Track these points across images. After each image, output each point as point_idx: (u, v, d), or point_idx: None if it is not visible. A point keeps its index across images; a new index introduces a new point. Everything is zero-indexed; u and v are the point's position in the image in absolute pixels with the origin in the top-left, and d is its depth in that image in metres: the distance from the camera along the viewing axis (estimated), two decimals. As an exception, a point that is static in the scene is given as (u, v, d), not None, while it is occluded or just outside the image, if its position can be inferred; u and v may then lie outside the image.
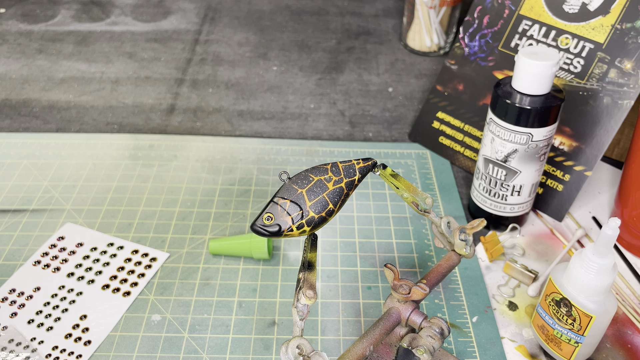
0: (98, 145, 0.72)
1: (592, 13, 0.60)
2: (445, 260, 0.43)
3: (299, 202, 0.36)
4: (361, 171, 0.39)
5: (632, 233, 0.58)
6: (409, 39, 0.92)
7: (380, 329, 0.37)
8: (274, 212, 0.35)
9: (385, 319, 0.38)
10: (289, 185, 0.36)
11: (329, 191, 0.37)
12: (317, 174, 0.37)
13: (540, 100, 0.51)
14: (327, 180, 0.37)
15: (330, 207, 0.36)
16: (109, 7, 1.04)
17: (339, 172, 0.38)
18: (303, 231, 0.36)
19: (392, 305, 0.39)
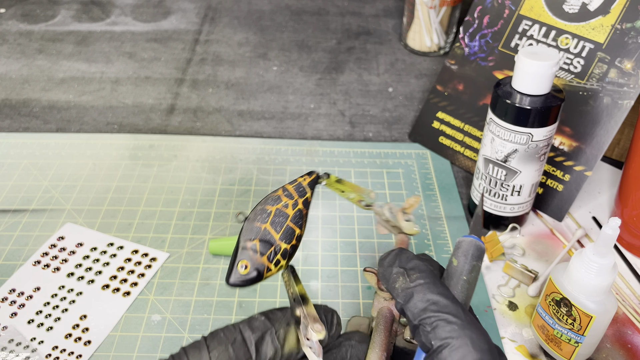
0: (98, 145, 0.72)
1: (592, 13, 0.60)
2: (399, 244, 0.43)
3: (267, 238, 0.33)
4: (310, 186, 0.37)
5: (632, 233, 0.58)
6: (409, 39, 0.92)
7: (384, 333, 0.37)
8: (247, 258, 0.33)
9: (382, 321, 0.38)
10: (250, 225, 0.34)
11: (291, 217, 0.35)
12: (273, 204, 0.35)
13: (540, 100, 0.51)
14: (285, 207, 0.35)
15: (297, 232, 0.35)
16: (109, 7, 1.04)
17: (291, 195, 0.36)
18: (280, 267, 0.34)
19: (381, 306, 0.39)
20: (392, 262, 0.34)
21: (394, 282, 0.32)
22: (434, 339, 0.29)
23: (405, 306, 0.31)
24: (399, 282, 0.32)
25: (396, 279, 0.32)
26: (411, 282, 0.32)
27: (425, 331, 0.29)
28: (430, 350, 0.29)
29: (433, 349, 0.28)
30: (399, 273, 0.33)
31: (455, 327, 0.28)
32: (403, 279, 0.32)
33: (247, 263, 0.33)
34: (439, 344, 0.28)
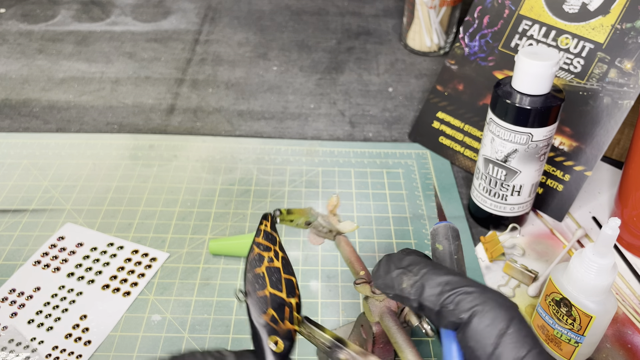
0: (98, 145, 0.72)
1: (592, 13, 0.60)
2: (344, 245, 0.43)
3: (277, 302, 0.32)
4: (274, 229, 0.36)
5: (632, 233, 0.58)
6: (409, 39, 0.92)
7: (401, 331, 0.37)
8: (272, 333, 0.31)
9: (391, 320, 0.38)
10: (254, 298, 0.32)
11: (282, 268, 0.34)
12: (259, 264, 0.33)
13: (540, 100, 0.51)
14: (270, 261, 0.34)
15: (294, 280, 0.34)
16: (109, 7, 1.04)
17: (267, 247, 0.35)
18: (299, 321, 0.33)
19: (381, 307, 0.39)
20: (387, 269, 0.33)
21: (400, 284, 0.32)
22: (460, 313, 0.28)
23: (421, 299, 0.30)
24: (405, 281, 0.32)
25: (401, 281, 0.32)
26: (416, 275, 0.31)
27: (450, 310, 0.29)
28: (460, 325, 0.29)
29: (464, 321, 0.28)
30: (400, 274, 0.32)
31: (476, 295, 0.29)
32: (407, 277, 0.32)
33: (275, 338, 0.31)
34: (467, 315, 0.28)
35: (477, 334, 0.28)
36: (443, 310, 0.29)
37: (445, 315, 0.29)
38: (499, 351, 0.27)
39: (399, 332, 0.36)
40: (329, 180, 0.67)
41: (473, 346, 0.28)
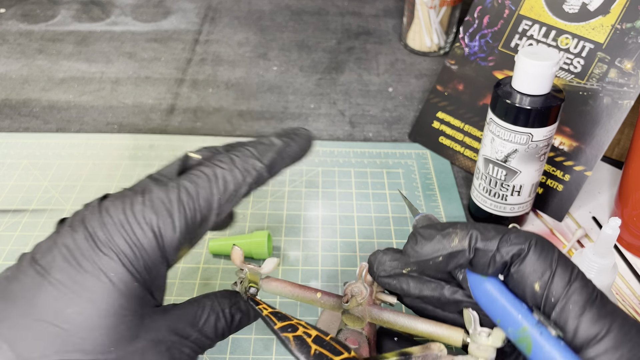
0: (98, 145, 0.72)
1: (592, 13, 0.60)
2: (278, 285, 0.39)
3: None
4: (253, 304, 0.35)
5: (632, 233, 0.58)
6: (409, 39, 0.92)
7: (400, 313, 0.36)
8: None
9: (383, 310, 0.37)
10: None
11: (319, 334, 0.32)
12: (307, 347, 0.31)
13: (540, 100, 0.51)
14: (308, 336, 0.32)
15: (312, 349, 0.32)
16: (109, 7, 1.04)
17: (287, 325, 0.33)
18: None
19: (364, 306, 0.38)
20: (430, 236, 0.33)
21: (450, 242, 0.32)
22: (520, 245, 0.31)
23: (477, 246, 0.32)
24: (455, 239, 0.33)
25: (450, 239, 0.33)
26: (463, 230, 0.33)
27: (507, 247, 0.31)
28: (519, 257, 0.31)
29: (523, 253, 0.31)
30: (447, 234, 0.33)
31: (524, 232, 0.32)
32: (454, 235, 0.33)
33: None
34: (526, 246, 0.31)
35: (538, 261, 0.31)
36: (502, 247, 0.31)
37: (506, 251, 0.31)
38: (559, 271, 0.30)
39: (397, 314, 0.37)
40: (329, 180, 0.67)
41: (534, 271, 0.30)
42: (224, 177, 0.32)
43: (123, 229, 0.29)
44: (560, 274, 0.30)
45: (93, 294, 0.28)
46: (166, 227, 0.30)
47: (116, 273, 0.29)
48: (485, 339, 0.33)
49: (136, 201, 0.30)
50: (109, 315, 0.28)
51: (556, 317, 0.30)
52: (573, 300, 0.30)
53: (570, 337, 0.29)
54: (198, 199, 0.31)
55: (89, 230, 0.29)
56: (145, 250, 0.30)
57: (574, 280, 0.30)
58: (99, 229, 0.29)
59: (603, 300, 0.30)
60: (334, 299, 0.38)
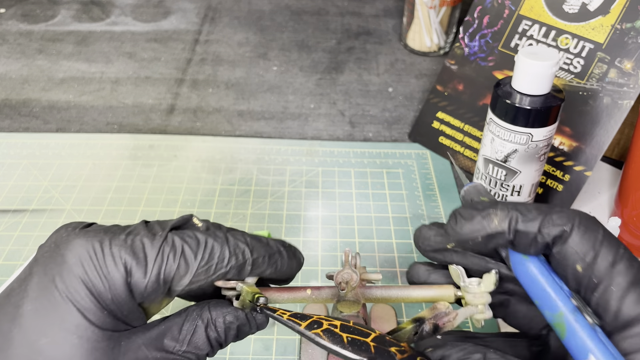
0: (98, 145, 0.72)
1: (592, 13, 0.60)
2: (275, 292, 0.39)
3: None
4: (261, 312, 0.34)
5: (632, 233, 0.58)
6: (409, 39, 0.92)
7: (391, 287, 0.37)
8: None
9: (374, 288, 0.37)
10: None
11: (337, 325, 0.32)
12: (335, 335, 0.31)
13: (540, 100, 0.51)
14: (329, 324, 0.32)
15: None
16: (109, 7, 1.04)
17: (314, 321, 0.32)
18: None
19: (357, 289, 0.38)
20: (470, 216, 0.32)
21: (490, 223, 0.32)
22: (563, 225, 0.30)
23: (518, 226, 0.31)
24: (495, 220, 0.32)
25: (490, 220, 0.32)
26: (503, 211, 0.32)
27: (550, 227, 0.31)
28: (561, 238, 0.30)
29: (566, 233, 0.30)
30: (487, 215, 0.32)
31: (566, 211, 0.31)
32: (494, 216, 0.32)
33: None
34: (569, 227, 0.30)
35: (581, 241, 0.30)
36: (542, 230, 0.31)
37: (547, 232, 0.31)
38: (603, 251, 0.29)
39: (389, 288, 0.37)
40: (329, 180, 0.67)
41: (577, 252, 0.30)
42: (212, 248, 0.32)
43: (96, 260, 0.29)
44: (603, 255, 0.29)
45: (65, 322, 0.28)
46: (138, 270, 0.30)
47: (85, 302, 0.29)
48: (477, 287, 0.33)
49: (118, 238, 0.30)
50: (82, 344, 0.28)
51: (598, 300, 0.29)
52: (616, 282, 0.29)
53: (611, 319, 0.29)
54: (180, 256, 0.31)
55: (64, 258, 0.29)
56: (115, 283, 0.29)
57: (619, 261, 0.29)
58: (73, 258, 0.29)
59: None
60: (326, 291, 0.38)
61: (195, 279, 0.32)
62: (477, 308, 0.34)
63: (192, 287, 0.32)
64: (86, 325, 0.28)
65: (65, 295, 0.28)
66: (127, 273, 0.30)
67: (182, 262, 0.31)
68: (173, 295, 0.32)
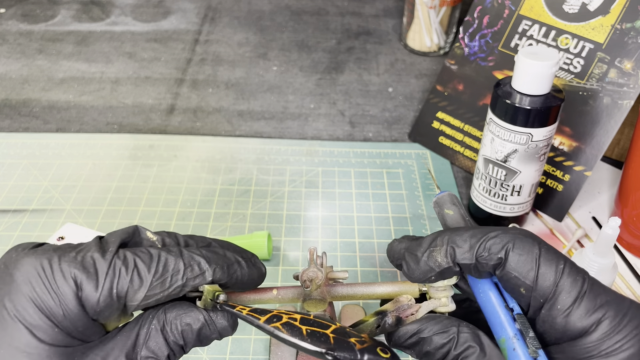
0: (98, 145, 0.72)
1: (592, 13, 0.60)
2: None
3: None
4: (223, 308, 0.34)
5: (632, 233, 0.58)
6: (409, 39, 0.92)
7: (355, 285, 0.37)
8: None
9: (338, 287, 0.38)
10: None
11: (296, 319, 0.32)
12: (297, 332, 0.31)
13: (540, 100, 0.51)
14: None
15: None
16: (109, 7, 1.04)
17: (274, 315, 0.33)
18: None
19: (324, 288, 0.37)
20: (415, 260, 0.34)
21: (435, 262, 0.33)
22: (496, 254, 0.31)
23: (457, 261, 0.32)
24: (438, 257, 0.33)
25: (434, 259, 0.33)
26: (442, 246, 0.33)
27: (485, 257, 0.31)
28: (499, 265, 0.31)
29: (502, 260, 0.31)
30: (429, 254, 0.33)
31: (502, 235, 0.32)
32: (436, 253, 0.33)
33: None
34: (503, 254, 0.31)
35: (518, 265, 0.30)
36: (480, 260, 0.31)
37: (483, 263, 0.31)
38: (542, 271, 0.30)
39: (354, 286, 0.37)
40: (329, 180, 0.67)
41: (517, 276, 0.30)
42: (166, 261, 0.32)
43: (45, 276, 0.29)
44: (543, 275, 0.30)
45: (13, 341, 0.28)
46: (89, 284, 0.30)
47: (33, 320, 0.28)
48: (440, 281, 0.34)
49: (68, 255, 0.30)
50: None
51: (545, 318, 0.30)
52: (561, 299, 0.29)
53: (559, 335, 0.30)
54: (132, 270, 0.31)
55: (12, 277, 0.29)
56: (65, 298, 0.29)
57: (560, 277, 0.30)
58: (21, 276, 0.29)
59: (594, 291, 0.30)
60: (292, 290, 0.38)
61: (150, 293, 0.31)
62: (440, 301, 0.34)
63: (149, 302, 0.31)
64: (35, 343, 0.28)
65: (13, 315, 0.28)
66: (78, 287, 0.29)
67: (135, 276, 0.31)
68: (129, 311, 0.32)
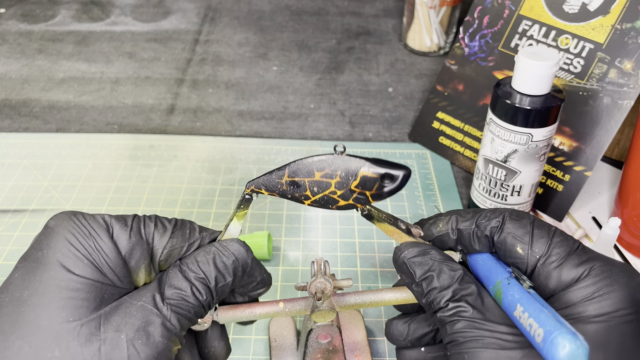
0: (98, 145, 0.72)
1: (592, 13, 0.60)
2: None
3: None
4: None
5: (632, 233, 0.58)
6: (409, 39, 0.92)
7: (364, 292, 0.38)
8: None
9: (347, 295, 0.38)
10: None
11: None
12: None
13: (540, 100, 0.51)
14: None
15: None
16: (109, 7, 1.04)
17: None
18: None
19: (331, 298, 0.38)
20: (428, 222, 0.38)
21: (437, 227, 0.37)
22: (495, 219, 0.36)
23: (459, 226, 0.36)
24: (440, 224, 0.37)
25: (436, 225, 0.37)
26: (446, 216, 0.37)
27: (485, 223, 0.36)
28: (496, 229, 0.35)
29: (499, 225, 0.35)
30: (433, 222, 0.37)
31: (499, 210, 0.36)
32: (439, 221, 0.37)
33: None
34: (501, 219, 0.35)
35: (514, 227, 0.34)
36: (479, 225, 0.35)
37: (482, 228, 0.35)
38: (536, 232, 0.34)
39: (362, 294, 0.37)
40: (329, 180, 0.67)
41: (514, 236, 0.34)
42: (182, 221, 0.36)
43: (78, 221, 0.32)
44: (538, 234, 0.34)
45: (44, 274, 0.30)
46: (118, 224, 0.33)
47: (64, 254, 0.31)
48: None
49: (95, 214, 0.33)
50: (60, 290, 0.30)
51: (540, 270, 0.33)
52: (555, 252, 0.33)
53: (555, 285, 0.32)
54: (155, 219, 0.34)
55: (50, 229, 0.32)
56: (97, 234, 0.32)
57: (553, 235, 0.33)
58: (58, 225, 0.32)
59: (584, 248, 0.33)
60: (300, 303, 0.38)
61: (173, 240, 0.34)
62: None
63: (173, 251, 0.34)
64: (64, 274, 0.30)
65: (46, 253, 0.31)
66: (109, 226, 0.32)
67: (159, 224, 0.34)
68: (156, 260, 0.34)
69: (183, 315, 0.32)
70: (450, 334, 0.32)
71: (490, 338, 0.31)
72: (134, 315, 0.30)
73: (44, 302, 0.29)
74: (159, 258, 0.34)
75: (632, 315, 0.30)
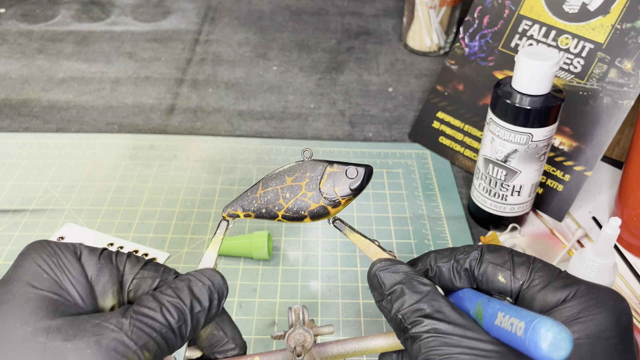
0: (98, 145, 0.72)
1: (592, 13, 0.60)
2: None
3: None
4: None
5: (632, 233, 0.58)
6: (409, 39, 0.92)
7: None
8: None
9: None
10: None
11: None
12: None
13: (540, 100, 0.51)
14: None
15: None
16: (109, 7, 1.04)
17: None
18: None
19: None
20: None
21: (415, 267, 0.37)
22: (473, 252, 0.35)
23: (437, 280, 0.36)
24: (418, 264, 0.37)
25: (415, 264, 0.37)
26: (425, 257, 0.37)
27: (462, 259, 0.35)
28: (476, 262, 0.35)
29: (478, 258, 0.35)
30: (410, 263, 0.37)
31: (474, 245, 0.36)
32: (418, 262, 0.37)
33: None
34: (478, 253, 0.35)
35: (494, 257, 0.34)
36: (459, 260, 0.35)
37: (462, 262, 0.35)
38: (516, 260, 0.34)
39: (344, 343, 0.35)
40: (329, 180, 0.67)
41: (494, 264, 0.34)
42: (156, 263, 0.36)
43: (49, 246, 0.32)
44: (518, 261, 0.34)
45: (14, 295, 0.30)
46: (87, 249, 0.33)
47: (32, 272, 0.31)
48: None
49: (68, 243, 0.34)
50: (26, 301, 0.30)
51: (524, 294, 0.33)
52: (537, 276, 0.33)
53: (539, 307, 0.32)
54: (129, 253, 0.35)
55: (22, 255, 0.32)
56: (65, 254, 0.32)
57: (533, 262, 0.34)
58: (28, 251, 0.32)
59: (568, 274, 0.33)
60: (277, 356, 0.35)
61: (145, 272, 0.34)
62: None
63: (143, 283, 0.34)
64: (24, 287, 0.30)
65: (13, 272, 0.31)
66: (77, 249, 0.33)
67: (132, 256, 0.35)
68: (125, 290, 0.33)
69: (147, 332, 0.29)
70: (425, 352, 0.30)
71: (468, 355, 0.29)
72: (88, 330, 0.29)
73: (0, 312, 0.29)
74: (127, 287, 0.33)
75: (616, 339, 0.30)
